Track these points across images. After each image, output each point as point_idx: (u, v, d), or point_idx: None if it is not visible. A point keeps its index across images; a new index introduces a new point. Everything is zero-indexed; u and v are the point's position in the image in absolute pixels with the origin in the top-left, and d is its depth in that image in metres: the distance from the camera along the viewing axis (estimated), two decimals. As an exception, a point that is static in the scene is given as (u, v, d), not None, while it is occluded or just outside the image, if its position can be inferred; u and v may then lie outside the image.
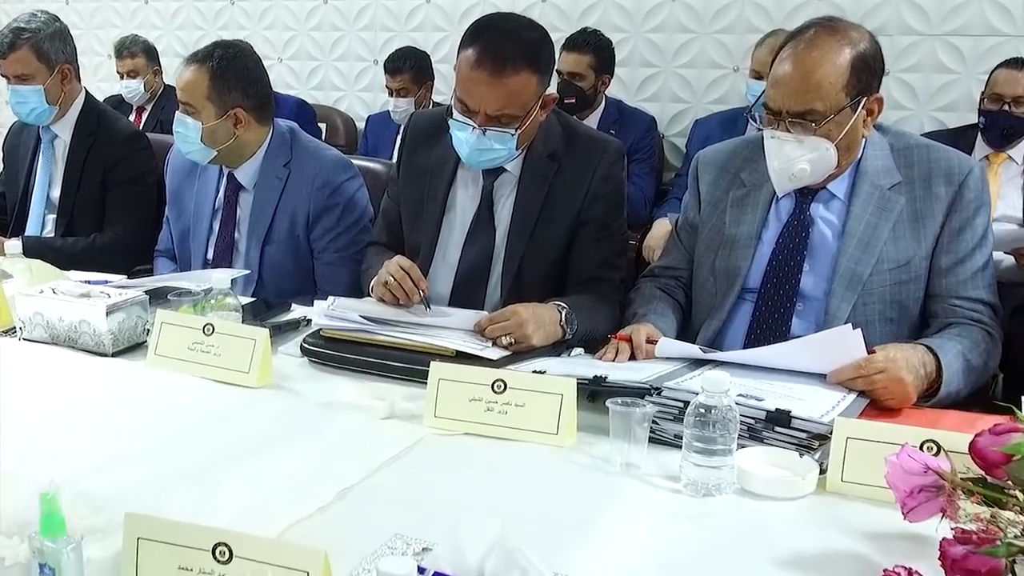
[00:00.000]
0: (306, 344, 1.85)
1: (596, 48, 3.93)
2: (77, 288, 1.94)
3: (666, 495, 1.32)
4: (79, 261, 2.57)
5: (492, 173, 2.11)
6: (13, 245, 2.68)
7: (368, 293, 2.07)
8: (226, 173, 2.50)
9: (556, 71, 3.13)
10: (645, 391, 1.50)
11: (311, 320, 1.99)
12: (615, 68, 4.04)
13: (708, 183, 2.06)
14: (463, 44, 1.98)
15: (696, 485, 1.31)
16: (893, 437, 1.26)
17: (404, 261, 1.99)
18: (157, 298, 2.00)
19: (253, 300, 2.16)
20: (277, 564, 0.96)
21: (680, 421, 1.38)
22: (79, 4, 5.40)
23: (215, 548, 0.99)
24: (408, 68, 4.24)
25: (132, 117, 4.64)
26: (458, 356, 1.74)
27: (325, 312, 1.90)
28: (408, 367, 1.73)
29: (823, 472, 1.33)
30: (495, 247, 2.13)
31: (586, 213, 2.10)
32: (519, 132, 1.99)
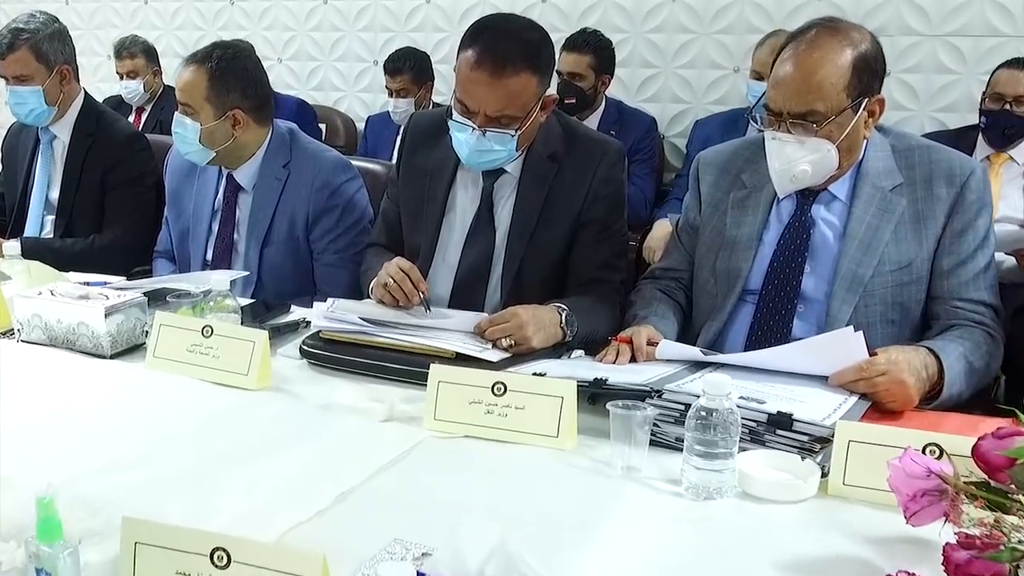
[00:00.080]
0: (305, 346, 1.85)
1: (596, 48, 3.92)
2: (76, 290, 1.94)
3: (667, 498, 1.32)
4: (78, 262, 2.57)
5: (492, 174, 2.11)
6: (12, 246, 2.68)
7: (368, 295, 2.07)
8: (225, 174, 2.49)
9: (556, 72, 3.12)
10: (646, 394, 1.49)
11: (310, 322, 1.99)
12: (615, 69, 4.03)
13: (709, 184, 2.05)
14: (463, 45, 1.97)
15: (697, 488, 1.31)
16: (895, 440, 1.26)
17: (404, 263, 1.98)
18: (156, 300, 1.99)
19: (252, 302, 2.16)
20: (275, 569, 0.96)
21: (681, 424, 1.37)
22: (79, 4, 5.40)
23: (213, 553, 0.98)
24: (408, 69, 4.24)
25: (132, 118, 4.64)
26: (458, 358, 1.74)
27: (324, 314, 1.90)
28: (408, 369, 1.73)
29: (825, 475, 1.32)
30: (495, 248, 2.12)
31: (586, 214, 2.10)
32: (519, 133, 1.98)
